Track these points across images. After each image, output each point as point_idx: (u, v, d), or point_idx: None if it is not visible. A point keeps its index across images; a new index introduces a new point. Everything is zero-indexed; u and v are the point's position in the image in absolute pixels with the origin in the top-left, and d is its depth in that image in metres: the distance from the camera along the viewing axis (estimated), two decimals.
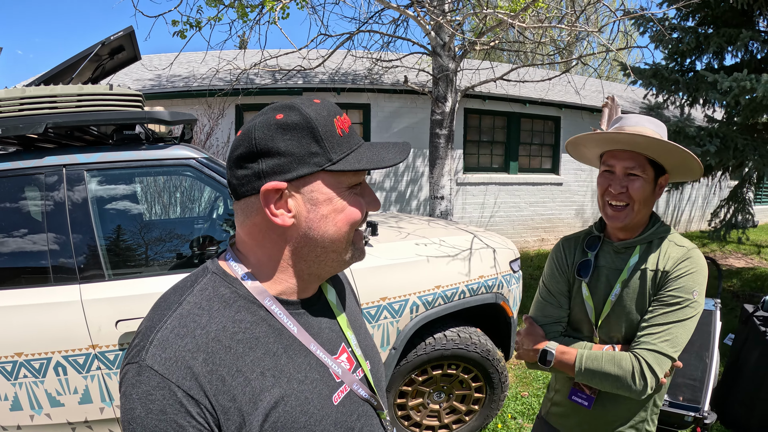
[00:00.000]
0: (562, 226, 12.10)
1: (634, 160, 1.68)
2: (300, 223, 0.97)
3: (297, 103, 0.96)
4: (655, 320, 1.62)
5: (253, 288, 0.98)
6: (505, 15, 5.66)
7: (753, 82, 5.79)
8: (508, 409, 4.37)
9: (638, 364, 1.57)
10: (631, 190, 1.68)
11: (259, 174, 0.93)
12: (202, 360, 0.86)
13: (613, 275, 1.78)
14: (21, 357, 2.52)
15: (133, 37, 3.54)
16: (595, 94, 12.73)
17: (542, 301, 1.93)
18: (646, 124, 1.72)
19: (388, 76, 10.28)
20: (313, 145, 0.94)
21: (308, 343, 1.01)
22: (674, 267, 1.66)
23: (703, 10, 7.43)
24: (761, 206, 16.95)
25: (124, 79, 9.66)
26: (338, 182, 0.98)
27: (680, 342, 1.59)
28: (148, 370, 0.84)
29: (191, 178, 3.02)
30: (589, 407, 1.79)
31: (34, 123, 2.51)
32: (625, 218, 1.71)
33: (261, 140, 0.93)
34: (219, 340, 0.90)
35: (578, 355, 1.68)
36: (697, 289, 1.63)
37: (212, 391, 0.85)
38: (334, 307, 1.14)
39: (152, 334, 0.88)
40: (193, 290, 0.95)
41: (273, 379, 0.93)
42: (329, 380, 1.02)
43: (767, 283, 8.58)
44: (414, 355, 3.42)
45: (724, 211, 8.39)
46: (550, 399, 2.04)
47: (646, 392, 1.57)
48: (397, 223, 4.25)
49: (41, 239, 2.64)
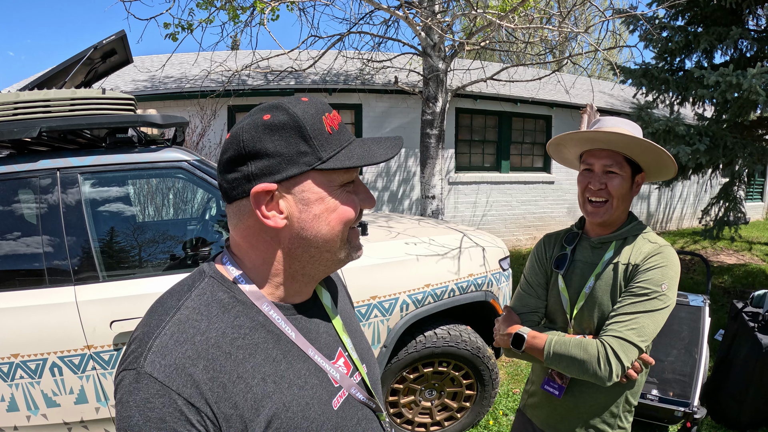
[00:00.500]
0: (554, 224, 12.15)
1: (611, 158, 1.76)
2: (292, 224, 0.96)
3: (284, 102, 0.94)
4: (622, 309, 1.67)
5: (251, 293, 0.97)
6: (494, 16, 5.71)
7: (739, 77, 5.85)
8: (500, 405, 4.41)
9: (603, 349, 1.61)
10: (610, 187, 1.76)
11: (249, 176, 0.92)
12: (203, 367, 0.85)
13: (588, 269, 1.85)
14: (17, 358, 2.55)
15: (125, 41, 3.57)
16: (586, 93, 12.79)
17: (521, 292, 2.01)
18: (621, 125, 1.80)
19: (379, 77, 10.31)
20: (301, 144, 0.93)
21: (306, 349, 1.01)
22: (644, 261, 1.71)
23: (693, 9, 7.49)
24: (752, 203, 17.05)
25: (117, 82, 9.65)
26: (329, 181, 0.96)
27: (647, 332, 1.63)
28: (146, 377, 0.82)
29: (184, 180, 3.05)
30: (559, 396, 1.84)
31: (29, 127, 2.53)
32: (605, 213, 1.78)
33: (249, 142, 0.91)
34: (219, 346, 0.88)
35: (548, 339, 1.73)
36: (667, 283, 1.67)
37: (214, 399, 0.84)
38: (329, 311, 1.13)
39: (150, 340, 0.86)
40: (190, 295, 0.94)
41: (274, 385, 0.92)
42: (328, 385, 1.02)
43: (758, 280, 8.65)
44: (405, 353, 3.46)
45: (716, 209, 8.45)
46: (527, 391, 2.11)
47: (612, 379, 1.60)
48: (387, 222, 4.29)
49: (36, 242, 2.67)
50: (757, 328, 4.06)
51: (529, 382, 2.11)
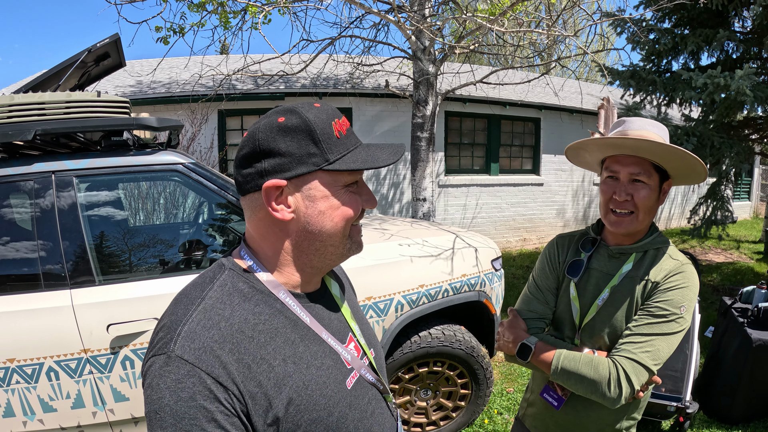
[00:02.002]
0: (544, 226, 12.22)
1: (639, 165, 1.62)
2: (299, 218, 1.03)
3: (298, 107, 1.03)
4: (639, 330, 1.58)
5: (269, 282, 1.05)
6: (484, 19, 5.74)
7: (727, 79, 5.91)
8: (494, 405, 4.44)
9: (615, 371, 1.53)
10: (637, 199, 1.62)
11: (262, 172, 1.00)
12: (229, 350, 0.92)
13: (603, 279, 1.74)
14: (13, 363, 2.53)
15: (119, 44, 3.57)
16: (574, 96, 12.87)
17: (529, 295, 1.89)
18: (649, 128, 1.66)
19: (370, 81, 10.32)
20: (311, 146, 1.01)
21: (321, 332, 1.08)
22: (665, 279, 1.61)
23: (679, 11, 7.55)
24: (739, 202, 17.23)
25: (107, 86, 9.61)
26: (335, 181, 1.04)
27: (661, 355, 1.54)
28: (177, 360, 0.89)
29: (179, 183, 3.05)
30: (557, 408, 1.77)
31: (23, 130, 2.52)
32: (629, 225, 1.65)
33: (264, 141, 1.00)
34: (242, 331, 0.96)
35: (557, 353, 1.64)
36: (686, 305, 1.58)
37: (240, 378, 0.91)
38: (338, 300, 1.22)
39: (179, 327, 0.93)
40: (213, 286, 1.01)
41: (294, 365, 0.99)
42: (342, 366, 1.09)
43: (747, 277, 8.74)
44: (400, 353, 3.47)
45: (704, 209, 8.50)
46: (526, 399, 2.02)
47: (620, 402, 1.52)
48: (381, 224, 4.30)
49: (31, 245, 2.66)
50: (747, 324, 4.11)
51: (528, 390, 2.03)
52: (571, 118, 11.97)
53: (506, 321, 1.85)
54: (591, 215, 13.07)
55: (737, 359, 4.05)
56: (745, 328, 4.05)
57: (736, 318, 4.22)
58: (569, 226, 12.65)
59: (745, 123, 7.73)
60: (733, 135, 7.40)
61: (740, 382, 4.02)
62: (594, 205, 13.08)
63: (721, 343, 4.32)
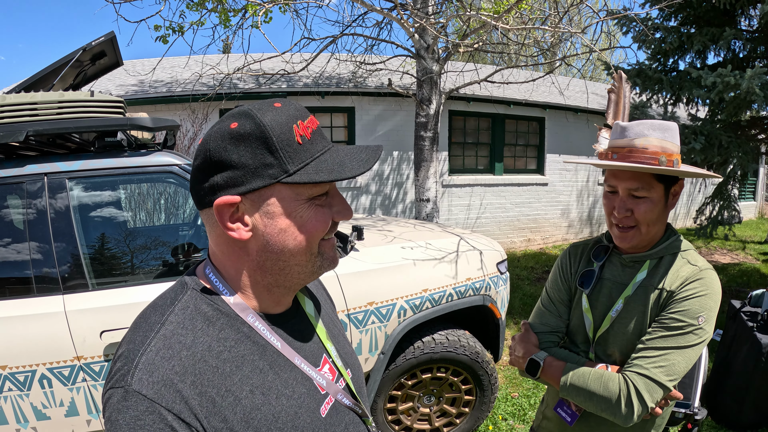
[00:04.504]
0: (548, 227, 12.15)
1: (637, 180, 1.53)
2: (258, 237, 0.93)
3: (253, 109, 0.91)
4: (652, 343, 1.49)
5: (236, 305, 0.95)
6: (488, 17, 5.67)
7: (737, 78, 5.85)
8: (499, 410, 4.37)
9: (626, 388, 1.45)
10: (637, 214, 1.54)
11: (214, 187, 0.90)
12: (191, 382, 0.84)
13: (616, 290, 1.65)
14: (5, 370, 2.48)
15: (115, 43, 3.51)
16: (579, 95, 12.80)
17: (542, 308, 1.83)
18: (649, 133, 1.53)
19: (373, 80, 10.27)
20: (267, 156, 0.89)
21: (293, 357, 0.99)
22: (681, 287, 1.51)
23: (686, 9, 7.49)
24: (745, 202, 17.15)
25: (108, 85, 9.58)
26: (296, 194, 0.92)
27: (677, 371, 1.44)
28: (135, 394, 0.81)
29: (174, 184, 2.99)
30: (570, 423, 1.70)
31: (15, 131, 2.47)
32: (632, 239, 1.58)
33: (215, 152, 0.89)
34: (206, 360, 0.87)
35: (565, 368, 1.58)
36: (705, 315, 1.47)
37: (203, 414, 0.83)
38: (312, 319, 1.12)
39: (136, 357, 0.85)
40: (174, 309, 0.92)
41: (263, 396, 0.91)
42: (315, 393, 1.01)
43: (753, 278, 8.66)
44: (403, 359, 3.40)
45: (710, 208, 8.46)
46: (542, 412, 1.96)
47: (632, 420, 1.45)
48: (384, 226, 4.24)
49: (23, 249, 2.60)
50: (756, 328, 4.04)
51: (543, 403, 1.97)
52: (576, 118, 11.89)
53: (518, 335, 1.79)
54: (596, 215, 13.00)
55: (746, 364, 3.99)
56: (755, 333, 3.99)
57: (745, 322, 4.16)
58: (574, 226, 12.59)
59: (753, 123, 7.66)
60: (740, 134, 7.34)
61: (749, 387, 3.96)
62: (599, 205, 13.01)
63: (731, 348, 4.26)
